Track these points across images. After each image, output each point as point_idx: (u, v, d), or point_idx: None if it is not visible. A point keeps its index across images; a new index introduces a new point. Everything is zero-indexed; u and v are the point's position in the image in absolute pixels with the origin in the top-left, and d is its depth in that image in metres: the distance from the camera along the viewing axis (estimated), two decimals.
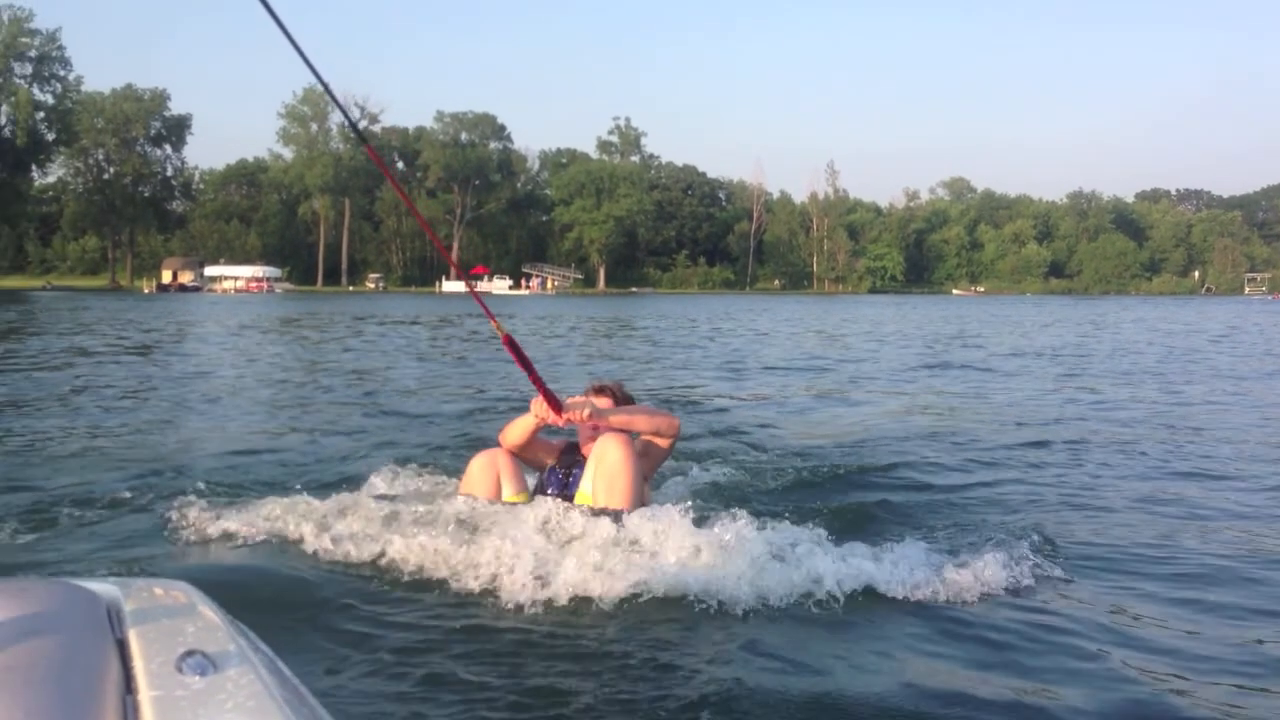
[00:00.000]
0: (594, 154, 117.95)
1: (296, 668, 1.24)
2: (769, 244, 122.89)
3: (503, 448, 4.33)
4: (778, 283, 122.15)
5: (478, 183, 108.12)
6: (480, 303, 3.98)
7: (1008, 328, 29.26)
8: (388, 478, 5.01)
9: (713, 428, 7.85)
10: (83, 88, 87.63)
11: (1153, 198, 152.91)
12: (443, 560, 3.60)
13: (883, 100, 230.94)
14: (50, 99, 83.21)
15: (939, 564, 3.66)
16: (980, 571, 3.60)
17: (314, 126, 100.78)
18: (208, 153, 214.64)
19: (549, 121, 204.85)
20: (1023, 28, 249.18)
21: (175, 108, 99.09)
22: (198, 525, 4.13)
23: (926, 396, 10.65)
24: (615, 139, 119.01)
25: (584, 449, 4.31)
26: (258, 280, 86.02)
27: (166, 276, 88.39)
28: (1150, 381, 12.41)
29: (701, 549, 3.52)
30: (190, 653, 1.03)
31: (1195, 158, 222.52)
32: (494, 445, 4.42)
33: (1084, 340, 22.34)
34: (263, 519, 4.11)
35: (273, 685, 1.01)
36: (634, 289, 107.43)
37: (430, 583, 3.51)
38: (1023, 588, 3.61)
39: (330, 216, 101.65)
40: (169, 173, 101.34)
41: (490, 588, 3.40)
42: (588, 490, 4.04)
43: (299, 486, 4.67)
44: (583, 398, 4.21)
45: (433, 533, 3.76)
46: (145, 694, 0.97)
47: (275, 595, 3.36)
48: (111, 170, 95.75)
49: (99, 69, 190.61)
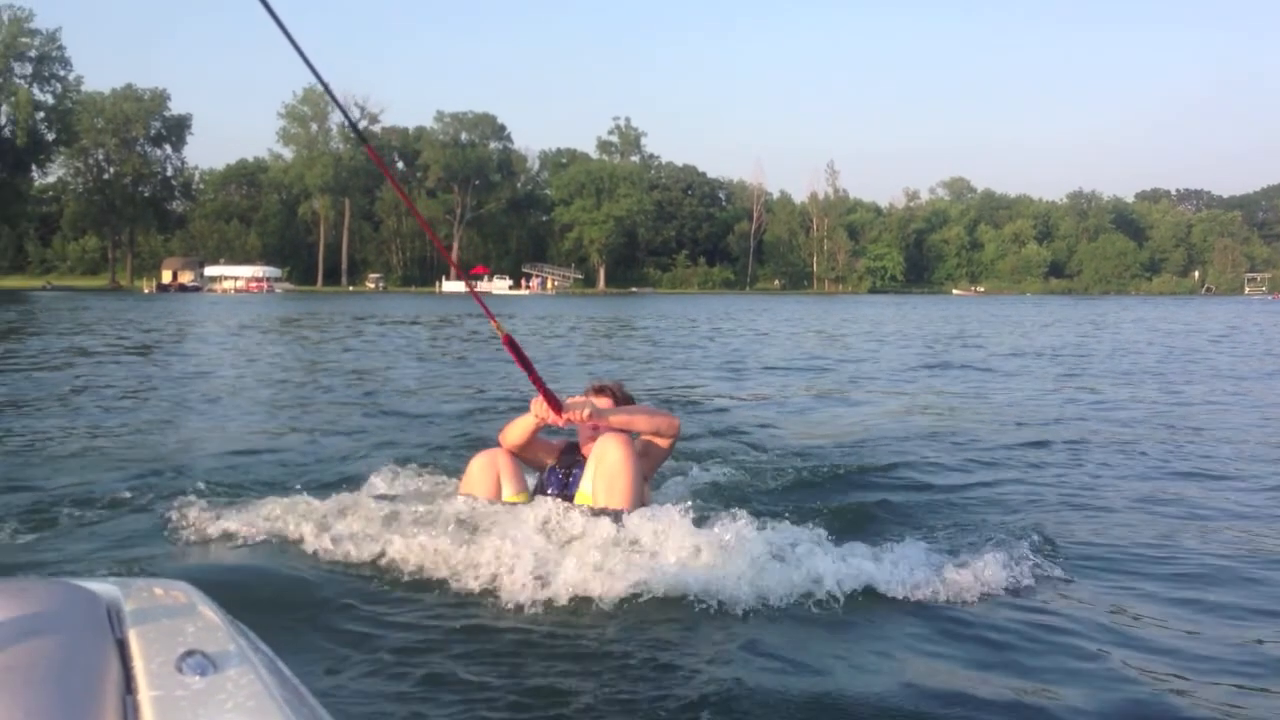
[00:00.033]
0: (594, 154, 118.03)
1: (296, 668, 1.24)
2: (769, 244, 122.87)
3: (503, 448, 4.33)
4: (778, 283, 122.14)
5: (478, 183, 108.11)
6: (480, 303, 3.99)
7: (1008, 328, 29.26)
8: (388, 478, 5.01)
9: (713, 428, 7.85)
10: (83, 88, 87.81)
11: (1153, 198, 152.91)
12: (443, 560, 3.60)
13: (883, 100, 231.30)
14: (50, 99, 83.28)
15: (939, 564, 3.66)
16: (980, 571, 3.60)
17: (314, 126, 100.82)
18: (208, 153, 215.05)
19: (549, 121, 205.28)
20: (1023, 28, 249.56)
21: (175, 108, 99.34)
22: (198, 525, 4.13)
23: (926, 396, 10.65)
24: (615, 139, 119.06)
25: (584, 449, 4.30)
26: (258, 280, 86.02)
27: (166, 276, 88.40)
28: (1150, 381, 12.41)
29: (701, 549, 3.52)
30: (190, 653, 1.03)
31: (1195, 158, 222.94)
32: (494, 445, 4.42)
33: (1084, 340, 22.34)
34: (263, 519, 4.11)
35: (273, 685, 1.01)
36: (634, 289, 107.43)
37: (430, 583, 3.51)
38: (1023, 588, 3.61)
39: (330, 216, 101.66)
40: (169, 173, 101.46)
41: (490, 588, 3.41)
42: (588, 490, 4.04)
43: (299, 486, 4.67)
44: (583, 398, 4.21)
45: (433, 533, 3.76)
46: (145, 694, 0.97)
47: (275, 595, 3.36)
48: (111, 170, 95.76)
49: (99, 69, 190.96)
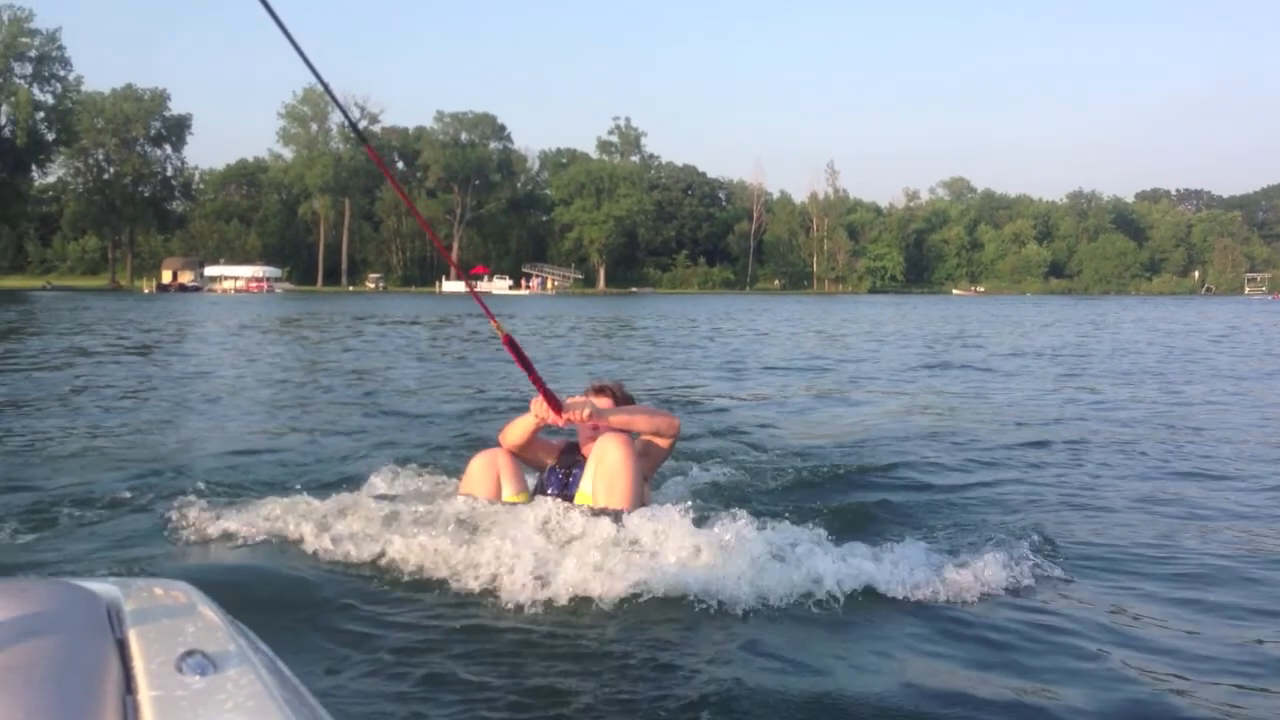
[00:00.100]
0: (594, 154, 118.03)
1: (296, 668, 1.24)
2: (769, 244, 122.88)
3: (503, 448, 4.33)
4: (778, 283, 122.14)
5: (478, 183, 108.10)
6: (480, 303, 3.99)
7: (1008, 328, 29.26)
8: (388, 478, 5.01)
9: (713, 428, 7.85)
10: (83, 88, 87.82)
11: (1153, 198, 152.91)
12: (443, 560, 3.60)
13: (883, 100, 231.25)
14: (50, 99, 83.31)
15: (939, 564, 3.66)
16: (980, 571, 3.61)
17: (314, 126, 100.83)
18: (208, 153, 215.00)
19: (549, 121, 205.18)
20: (1023, 28, 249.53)
21: (175, 108, 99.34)
22: (198, 525, 4.13)
23: (926, 396, 10.65)
24: (615, 139, 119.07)
25: (584, 449, 4.30)
26: (258, 280, 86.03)
27: (166, 276, 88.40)
28: (1150, 381, 12.41)
29: (701, 549, 3.52)
30: (190, 653, 1.03)
31: (1195, 158, 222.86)
32: (494, 445, 4.42)
33: (1084, 340, 22.34)
34: (263, 519, 4.11)
35: (273, 685, 1.01)
36: (634, 289, 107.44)
37: (430, 583, 3.51)
38: (1023, 588, 3.61)
39: (330, 216, 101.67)
40: (169, 173, 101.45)
41: (490, 588, 3.41)
42: (588, 490, 4.04)
43: (299, 486, 4.67)
44: (583, 398, 4.21)
45: (433, 533, 3.76)
46: (145, 694, 0.97)
47: (275, 595, 3.36)
48: (111, 170, 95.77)
49: (99, 69, 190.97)
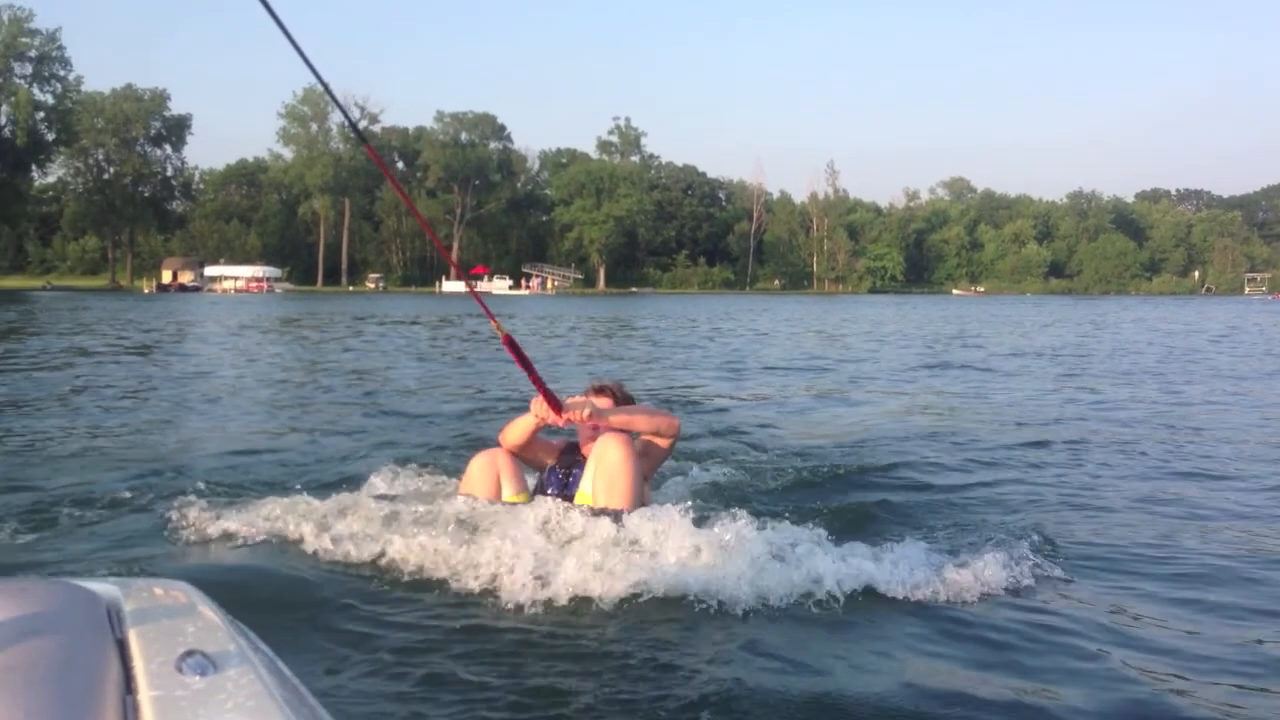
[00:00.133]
0: (594, 154, 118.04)
1: (296, 668, 1.24)
2: (769, 244, 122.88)
3: (502, 448, 4.33)
4: (778, 283, 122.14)
5: (478, 183, 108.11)
6: (480, 302, 3.98)
7: (1008, 328, 29.27)
8: (388, 478, 5.01)
9: (713, 428, 7.85)
10: (83, 88, 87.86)
11: (1153, 198, 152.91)
12: (443, 560, 3.61)
13: (883, 100, 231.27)
14: (50, 99, 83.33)
15: (939, 564, 3.66)
16: (980, 571, 3.61)
17: (314, 126, 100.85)
18: (208, 153, 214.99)
19: (549, 121, 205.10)
20: (1023, 28, 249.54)
21: (175, 108, 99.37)
22: (198, 525, 4.13)
23: (926, 396, 10.65)
24: (615, 139, 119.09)
25: (584, 449, 4.30)
26: (258, 280, 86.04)
27: (166, 276, 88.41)
28: (1150, 381, 12.41)
29: (701, 549, 3.52)
30: (190, 653, 1.03)
31: (1195, 158, 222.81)
32: (494, 445, 4.42)
33: (1084, 340, 22.35)
34: (263, 519, 4.11)
35: (273, 685, 1.01)
36: (634, 289, 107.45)
37: (430, 583, 3.51)
38: (1023, 588, 3.62)
39: (330, 216, 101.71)
40: (169, 173, 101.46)
41: (490, 588, 3.41)
42: (587, 490, 4.03)
43: (299, 486, 4.67)
44: (582, 398, 4.21)
45: (433, 533, 3.76)
46: (145, 694, 0.97)
47: (275, 595, 3.36)
48: (111, 170, 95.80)
49: (99, 69, 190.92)
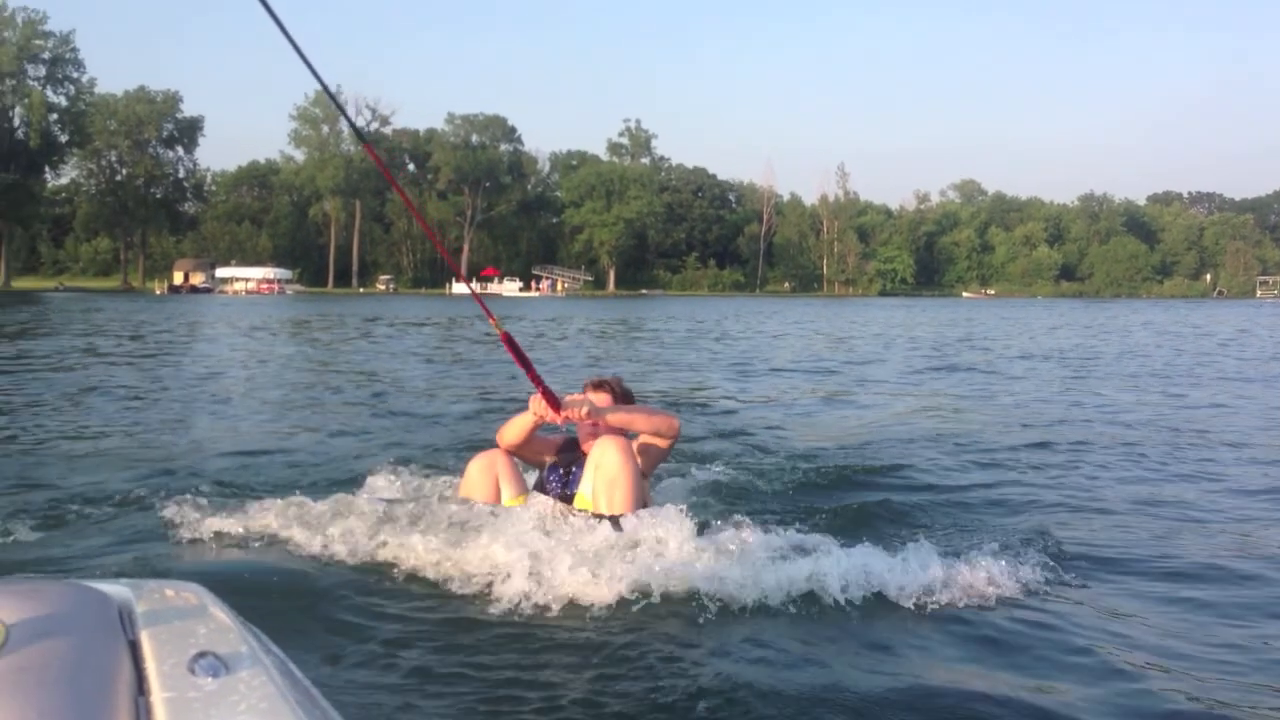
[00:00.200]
0: (604, 156, 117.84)
1: (308, 669, 1.26)
2: (779, 246, 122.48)
3: (501, 447, 4.31)
4: (788, 285, 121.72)
5: (488, 185, 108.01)
6: (479, 301, 3.96)
7: (1017, 330, 29.17)
8: (393, 479, 5.04)
9: (719, 429, 7.87)
10: (96, 90, 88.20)
11: (1164, 200, 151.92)
12: (453, 563, 3.63)
13: (893, 102, 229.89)
14: (64, 101, 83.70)
15: (942, 564, 3.67)
16: (982, 571, 3.63)
17: (325, 129, 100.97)
18: (219, 154, 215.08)
19: (559, 123, 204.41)
20: (1035, 28, 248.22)
21: (187, 109, 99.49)
22: (209, 526, 4.14)
23: (933, 399, 10.65)
24: (626, 141, 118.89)
25: (584, 446, 4.27)
26: (269, 282, 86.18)
27: (178, 278, 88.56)
28: (1156, 384, 12.38)
29: (703, 550, 3.54)
30: (202, 654, 1.03)
31: (1207, 160, 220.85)
32: (494, 447, 4.42)
33: (1092, 343, 22.27)
34: (274, 520, 4.13)
35: (284, 687, 1.02)
36: (644, 291, 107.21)
37: (442, 585, 3.53)
38: (1023, 588, 3.63)
39: (341, 218, 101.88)
40: (181, 174, 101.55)
41: (492, 589, 3.42)
42: (587, 494, 4.02)
43: (309, 487, 4.71)
44: (581, 395, 4.19)
45: (445, 536, 3.78)
46: (157, 695, 0.97)
47: (286, 597, 3.38)
48: (124, 172, 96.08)
49: (112, 71, 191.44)
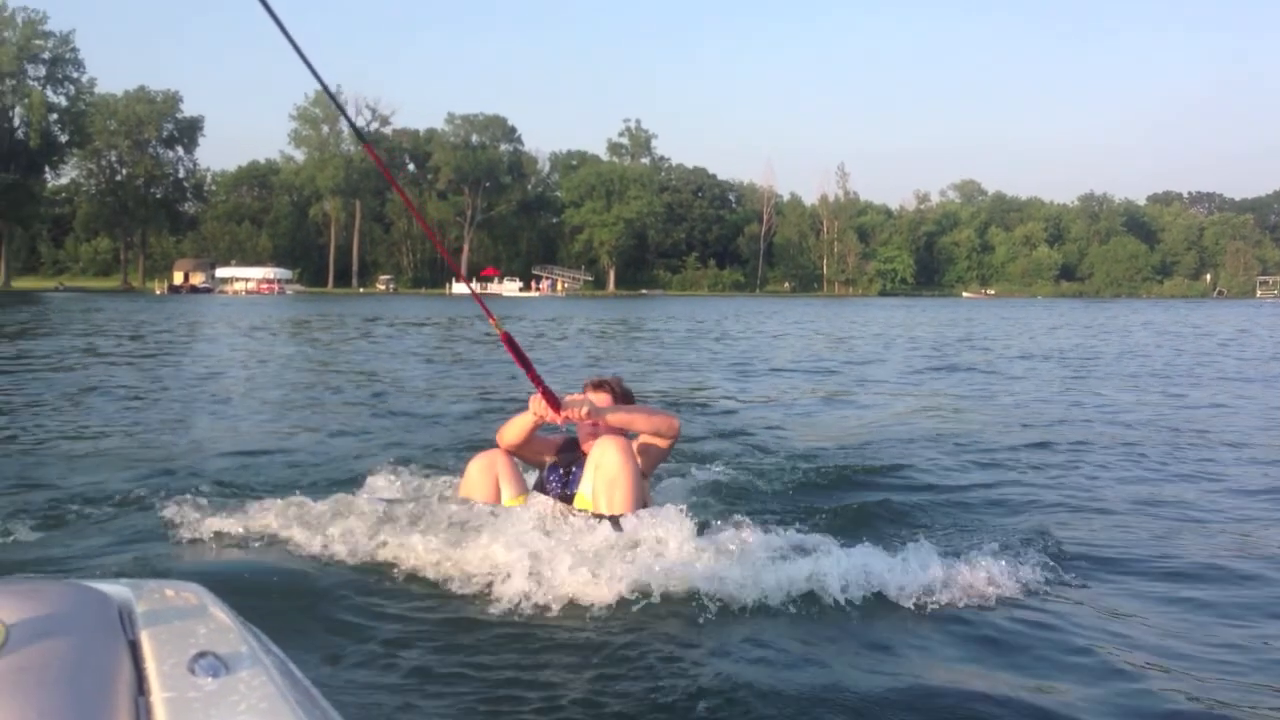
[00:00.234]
0: (604, 156, 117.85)
1: (308, 669, 1.26)
2: (779, 246, 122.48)
3: (501, 447, 4.31)
4: (788, 285, 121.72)
5: (488, 185, 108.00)
6: (479, 301, 3.96)
7: (1016, 330, 29.18)
8: (393, 479, 5.04)
9: (719, 429, 7.87)
10: (96, 90, 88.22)
11: (1164, 200, 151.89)
12: (453, 563, 3.63)
13: (893, 102, 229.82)
14: (64, 101, 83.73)
15: (942, 564, 3.67)
16: (982, 571, 3.63)
17: (325, 129, 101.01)
18: (219, 154, 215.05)
19: (559, 123, 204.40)
20: (1035, 29, 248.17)
21: (187, 109, 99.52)
22: (209, 526, 4.15)
23: (933, 399, 10.65)
24: (626, 141, 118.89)
25: (584, 445, 4.27)
26: (269, 282, 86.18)
27: (178, 278, 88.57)
28: (1156, 385, 12.38)
29: (703, 550, 3.55)
30: (202, 654, 1.03)
31: (1207, 161, 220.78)
32: (495, 447, 4.42)
33: (1092, 343, 22.27)
34: (274, 520, 4.14)
35: (285, 687, 1.02)
36: (644, 291, 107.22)
37: (442, 585, 3.53)
38: (1023, 588, 3.64)
39: (341, 218, 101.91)
40: (181, 174, 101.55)
41: (492, 589, 3.42)
42: (587, 494, 4.02)
43: (309, 487, 4.71)
44: (581, 395, 4.19)
45: (445, 536, 3.79)
46: (157, 695, 0.97)
47: (286, 597, 3.38)
48: (124, 172, 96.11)
49: (112, 71, 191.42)
